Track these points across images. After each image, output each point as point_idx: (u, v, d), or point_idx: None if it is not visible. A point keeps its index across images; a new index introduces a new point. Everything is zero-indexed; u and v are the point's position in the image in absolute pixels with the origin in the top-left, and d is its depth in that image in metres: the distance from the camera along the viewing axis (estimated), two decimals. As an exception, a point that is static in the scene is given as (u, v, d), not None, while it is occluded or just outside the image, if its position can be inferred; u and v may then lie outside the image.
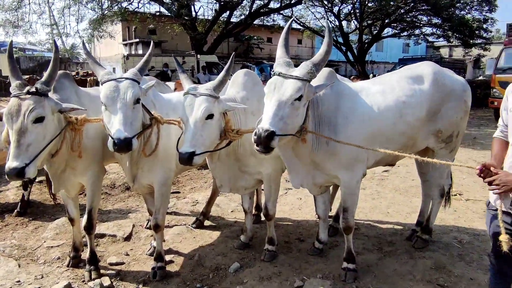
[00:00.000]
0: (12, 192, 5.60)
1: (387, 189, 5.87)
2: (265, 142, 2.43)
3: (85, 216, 3.37)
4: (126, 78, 2.83)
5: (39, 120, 2.67)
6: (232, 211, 5.01)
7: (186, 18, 17.41)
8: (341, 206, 3.45)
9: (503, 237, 2.00)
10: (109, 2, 17.56)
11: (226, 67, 2.98)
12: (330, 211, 4.64)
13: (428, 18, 24.29)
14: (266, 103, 2.61)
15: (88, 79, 14.38)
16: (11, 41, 3.24)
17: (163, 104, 3.46)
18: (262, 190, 4.50)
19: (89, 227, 3.36)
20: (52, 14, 18.25)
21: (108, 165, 4.07)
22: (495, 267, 2.35)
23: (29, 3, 16.15)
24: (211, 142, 2.87)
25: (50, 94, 2.87)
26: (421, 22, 25.05)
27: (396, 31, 27.24)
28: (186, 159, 2.66)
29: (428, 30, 26.10)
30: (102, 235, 4.17)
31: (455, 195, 5.40)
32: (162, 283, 3.31)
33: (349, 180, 3.17)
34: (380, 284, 3.24)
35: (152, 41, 3.54)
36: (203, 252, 3.84)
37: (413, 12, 23.64)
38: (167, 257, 3.70)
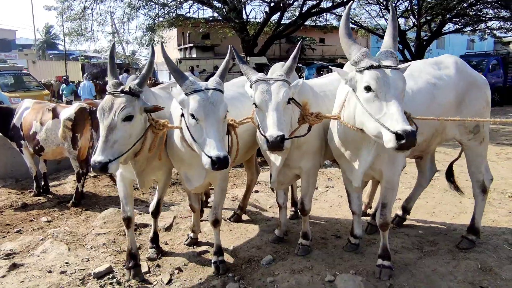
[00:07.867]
0: (70, 185, 6.07)
1: (436, 189, 5.54)
2: None
3: (154, 203, 3.73)
4: (214, 89, 2.74)
5: (128, 118, 2.75)
6: (270, 207, 5.03)
7: (236, 21, 17.72)
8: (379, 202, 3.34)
9: None
10: (163, 9, 18.37)
11: (293, 54, 3.04)
12: (370, 208, 4.52)
13: (495, 11, 22.57)
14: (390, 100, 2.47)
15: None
16: (114, 43, 3.43)
17: None
18: (298, 187, 4.48)
19: (156, 212, 3.76)
20: (114, 23, 19.47)
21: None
22: None
23: (92, 13, 17.39)
24: (289, 128, 2.89)
25: None
26: (487, 16, 23.33)
27: (458, 27, 25.61)
28: (279, 142, 2.56)
29: (495, 24, 24.29)
30: (145, 225, 4.39)
31: (512, 196, 5.00)
32: (195, 271, 3.42)
33: (392, 175, 3.10)
34: (417, 283, 3.09)
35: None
36: (237, 244, 3.90)
37: (478, 6, 22.08)
38: (203, 248, 3.82)
